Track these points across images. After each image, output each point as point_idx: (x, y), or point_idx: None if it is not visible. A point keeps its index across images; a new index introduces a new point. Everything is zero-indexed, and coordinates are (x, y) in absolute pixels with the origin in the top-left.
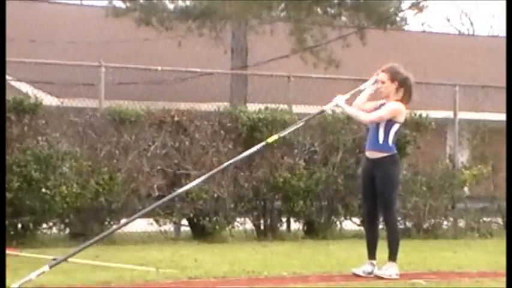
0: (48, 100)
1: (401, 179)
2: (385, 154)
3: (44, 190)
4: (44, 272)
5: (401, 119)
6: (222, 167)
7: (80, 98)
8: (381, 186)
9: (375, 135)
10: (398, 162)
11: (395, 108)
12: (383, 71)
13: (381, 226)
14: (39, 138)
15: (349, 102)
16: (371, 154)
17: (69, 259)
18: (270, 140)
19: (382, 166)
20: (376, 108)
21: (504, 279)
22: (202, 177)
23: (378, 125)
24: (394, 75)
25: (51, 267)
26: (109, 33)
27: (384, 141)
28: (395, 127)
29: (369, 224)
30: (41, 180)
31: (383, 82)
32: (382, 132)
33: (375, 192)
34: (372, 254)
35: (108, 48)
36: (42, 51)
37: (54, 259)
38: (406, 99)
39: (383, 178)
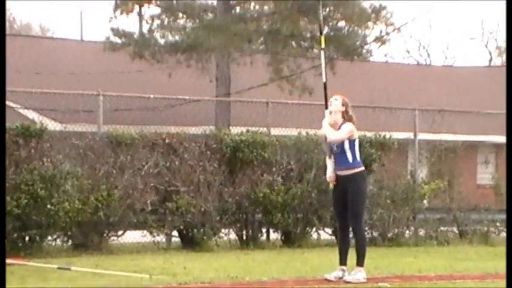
0: (52, 125)
1: (368, 193)
2: (356, 170)
3: (49, 206)
4: None
5: (356, 135)
6: None
7: (81, 123)
8: (352, 200)
9: (344, 156)
10: (366, 178)
11: (350, 129)
12: (339, 95)
13: (351, 235)
14: (45, 159)
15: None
16: (343, 172)
17: (72, 268)
18: None
19: (353, 182)
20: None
21: (458, 281)
22: None
23: (343, 148)
24: (345, 103)
25: None
26: (106, 65)
27: (353, 159)
28: (356, 143)
29: (341, 233)
30: (46, 197)
31: (336, 99)
32: (349, 153)
33: (346, 205)
34: (342, 261)
35: (105, 78)
36: (46, 82)
37: (59, 268)
38: (351, 119)
39: (353, 192)
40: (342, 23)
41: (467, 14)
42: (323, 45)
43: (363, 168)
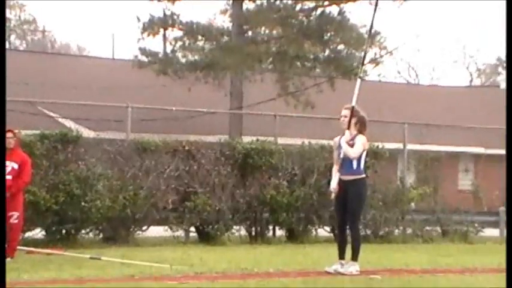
0: (87, 133)
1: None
2: (358, 176)
3: (83, 203)
4: None
5: (367, 146)
6: None
7: (111, 131)
8: (351, 202)
9: (350, 162)
10: (367, 184)
11: (364, 142)
12: (346, 108)
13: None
14: (80, 162)
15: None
16: (346, 177)
17: (103, 257)
18: None
19: (354, 186)
20: (352, 139)
21: (441, 274)
22: None
23: None
24: (354, 113)
25: None
26: (134, 81)
27: (357, 166)
28: (364, 154)
29: (340, 230)
30: (81, 196)
31: (345, 116)
32: (355, 160)
33: (346, 205)
34: (341, 255)
35: (133, 92)
36: (82, 95)
37: (91, 257)
38: (363, 131)
39: (353, 195)
40: (341, 46)
41: (451, 39)
42: (361, 75)
43: (364, 175)
